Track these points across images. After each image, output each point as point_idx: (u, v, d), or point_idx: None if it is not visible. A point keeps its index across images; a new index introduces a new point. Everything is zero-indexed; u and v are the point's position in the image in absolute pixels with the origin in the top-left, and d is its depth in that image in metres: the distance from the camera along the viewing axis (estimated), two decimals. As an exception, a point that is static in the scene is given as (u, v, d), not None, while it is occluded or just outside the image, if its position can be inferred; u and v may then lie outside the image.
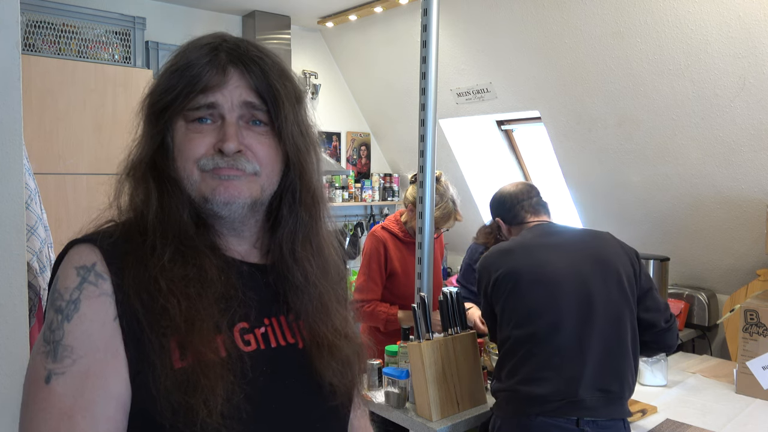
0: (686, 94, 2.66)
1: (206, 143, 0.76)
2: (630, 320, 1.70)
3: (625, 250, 1.78)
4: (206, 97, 0.76)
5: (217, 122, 0.77)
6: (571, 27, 2.85)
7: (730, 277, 3.00)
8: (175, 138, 0.78)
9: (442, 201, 2.43)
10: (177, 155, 0.77)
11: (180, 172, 0.77)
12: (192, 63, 0.76)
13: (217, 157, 0.76)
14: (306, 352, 0.82)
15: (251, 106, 0.78)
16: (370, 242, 2.53)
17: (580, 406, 1.61)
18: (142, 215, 0.77)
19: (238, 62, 0.77)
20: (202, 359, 0.70)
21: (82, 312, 0.70)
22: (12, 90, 1.26)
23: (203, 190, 0.77)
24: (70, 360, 0.68)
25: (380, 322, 2.44)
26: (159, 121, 0.78)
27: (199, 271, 0.75)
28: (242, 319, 0.77)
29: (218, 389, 0.69)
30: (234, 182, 0.76)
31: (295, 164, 0.82)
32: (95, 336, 0.69)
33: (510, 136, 3.99)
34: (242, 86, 0.77)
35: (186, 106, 0.76)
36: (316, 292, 0.84)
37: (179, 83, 0.76)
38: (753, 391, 2.14)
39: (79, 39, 2.95)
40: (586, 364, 1.62)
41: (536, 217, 1.90)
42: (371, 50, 4.02)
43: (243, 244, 0.83)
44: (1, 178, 1.25)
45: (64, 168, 2.77)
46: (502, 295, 1.72)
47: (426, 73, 2.00)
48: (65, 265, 0.73)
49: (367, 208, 4.63)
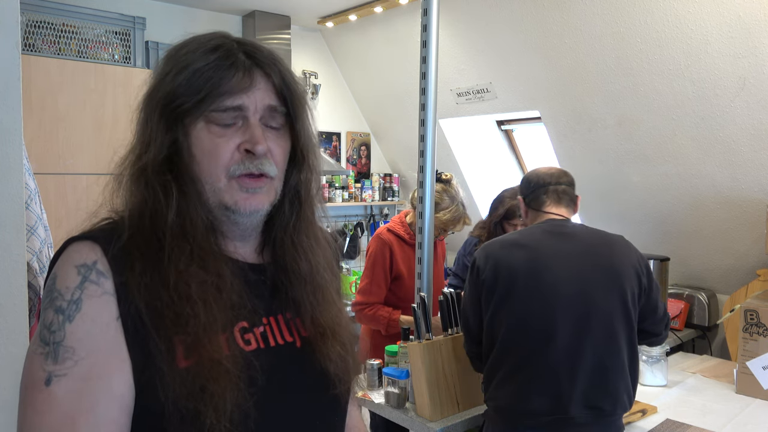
0: (686, 94, 2.66)
1: (232, 146, 0.76)
2: (628, 337, 1.63)
3: (637, 261, 1.69)
4: (233, 99, 0.76)
5: (239, 124, 0.77)
6: (571, 27, 2.85)
7: (730, 277, 3.00)
8: (195, 140, 0.76)
9: (453, 204, 2.42)
10: (202, 159, 0.76)
11: (205, 177, 0.76)
12: (213, 65, 0.76)
13: (247, 161, 0.76)
14: (304, 349, 0.83)
15: (272, 109, 0.79)
16: (375, 244, 2.49)
17: (569, 423, 1.57)
18: (154, 217, 0.75)
19: (262, 65, 0.78)
20: (207, 358, 0.69)
21: (84, 312, 0.68)
22: (12, 90, 1.26)
23: (226, 199, 0.77)
24: (71, 362, 0.67)
25: (381, 325, 2.43)
26: (177, 122, 0.77)
27: (216, 277, 0.75)
28: (242, 318, 0.77)
29: (226, 393, 0.69)
30: (258, 195, 0.77)
31: (304, 163, 0.85)
32: (98, 337, 0.68)
33: (510, 136, 3.99)
34: (266, 89, 0.78)
35: (211, 108, 0.75)
36: (319, 281, 0.86)
37: (203, 85, 0.75)
38: (753, 391, 2.14)
39: (79, 39, 2.95)
40: (577, 381, 1.56)
41: (555, 209, 1.78)
42: (371, 50, 4.02)
43: (245, 247, 0.84)
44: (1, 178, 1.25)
45: (64, 168, 2.77)
46: (497, 293, 1.64)
47: (426, 73, 2.00)
48: (64, 264, 0.72)
49: (367, 208, 4.63)
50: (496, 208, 2.49)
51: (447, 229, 2.47)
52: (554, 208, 1.79)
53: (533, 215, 1.83)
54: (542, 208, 1.80)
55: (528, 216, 1.86)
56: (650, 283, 1.70)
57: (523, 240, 1.71)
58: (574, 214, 1.84)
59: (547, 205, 1.80)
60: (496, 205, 2.51)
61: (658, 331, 1.75)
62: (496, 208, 2.50)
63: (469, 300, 1.75)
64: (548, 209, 1.79)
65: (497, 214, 2.47)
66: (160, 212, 0.75)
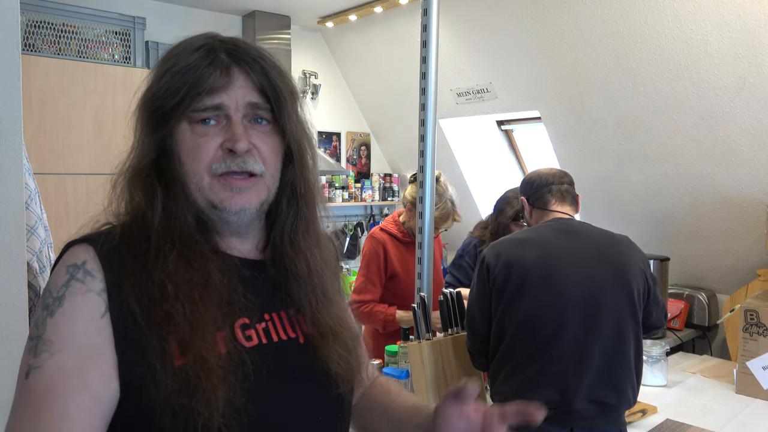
0: (686, 94, 2.66)
1: (214, 145, 0.76)
2: (635, 333, 1.66)
3: (642, 260, 1.72)
4: (212, 98, 0.76)
5: (222, 122, 0.77)
6: (571, 27, 2.85)
7: (730, 277, 3.00)
8: (179, 141, 0.77)
9: (441, 201, 2.43)
10: (185, 159, 0.77)
11: (189, 177, 0.77)
12: (193, 65, 0.76)
13: (228, 159, 0.76)
14: (307, 346, 0.83)
15: (255, 106, 0.78)
16: (369, 244, 2.52)
17: (574, 416, 1.59)
18: (144, 218, 0.76)
19: (240, 62, 0.78)
20: (201, 356, 0.70)
21: (65, 308, 0.70)
22: (12, 90, 1.26)
23: (211, 197, 0.77)
24: (48, 354, 0.67)
25: (378, 322, 2.44)
26: (161, 124, 0.77)
27: (203, 274, 0.75)
28: (242, 314, 0.77)
29: (219, 389, 0.69)
30: (245, 194, 0.77)
31: (296, 159, 0.84)
32: (77, 332, 0.69)
33: (510, 136, 3.99)
34: (246, 86, 0.78)
35: (190, 108, 0.76)
36: (318, 281, 0.86)
37: (182, 85, 0.75)
38: (753, 391, 2.14)
39: (79, 39, 2.95)
40: (584, 376, 1.58)
41: (560, 207, 1.82)
42: (371, 50, 4.02)
43: (245, 243, 0.84)
44: (1, 178, 1.25)
45: (64, 168, 2.77)
46: (508, 290, 1.65)
47: (426, 73, 2.00)
48: (59, 266, 0.74)
49: (367, 208, 4.63)
50: (503, 210, 2.50)
51: (437, 226, 2.46)
52: (559, 206, 1.83)
53: (538, 214, 1.86)
54: (548, 207, 1.83)
55: (533, 216, 1.88)
56: (653, 280, 1.73)
57: (532, 238, 1.73)
58: (577, 212, 1.87)
59: (553, 204, 1.83)
60: (502, 207, 2.51)
61: (662, 323, 1.80)
62: (503, 209, 2.50)
63: (477, 298, 1.76)
64: (554, 207, 1.82)
65: (506, 215, 2.47)
66: (148, 213, 0.76)
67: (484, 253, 1.76)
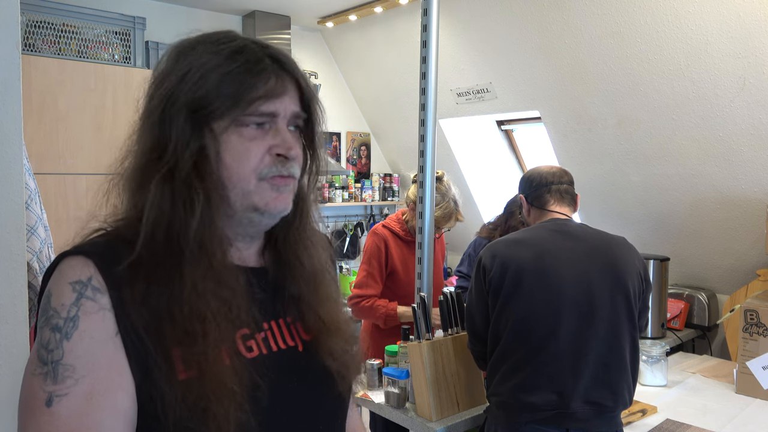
0: (686, 94, 2.65)
1: (263, 149, 0.76)
2: (631, 334, 1.66)
3: (638, 261, 1.72)
4: (267, 105, 0.76)
5: (267, 127, 0.77)
6: (571, 27, 2.85)
7: (730, 277, 3.00)
8: (224, 143, 0.75)
9: (444, 201, 2.43)
10: (230, 161, 0.75)
11: (233, 180, 0.75)
12: (243, 68, 0.74)
13: (279, 164, 0.77)
14: (306, 353, 0.83)
15: (296, 115, 0.80)
16: (371, 239, 2.53)
17: (570, 417, 1.59)
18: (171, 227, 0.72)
19: (290, 71, 0.79)
20: (206, 371, 0.69)
21: (82, 329, 0.67)
22: (12, 90, 1.26)
23: (255, 200, 0.77)
24: (72, 380, 0.65)
25: (379, 317, 2.44)
26: (203, 126, 0.75)
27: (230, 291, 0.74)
28: (244, 325, 0.76)
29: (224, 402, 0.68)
30: (285, 195, 0.79)
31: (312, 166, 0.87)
32: (97, 353, 0.67)
33: (510, 136, 3.99)
34: (294, 96, 0.80)
35: (245, 113, 0.75)
36: (317, 282, 0.87)
37: (236, 89, 0.74)
38: (753, 391, 2.15)
39: (79, 39, 2.95)
40: (580, 377, 1.59)
41: (558, 207, 1.82)
42: (371, 50, 4.02)
43: (250, 249, 0.84)
44: (1, 178, 1.25)
45: (64, 168, 2.77)
46: (504, 290, 1.65)
47: (426, 73, 2.00)
48: (58, 281, 0.70)
49: (367, 208, 4.63)
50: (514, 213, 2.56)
51: (440, 226, 2.47)
52: (557, 206, 1.82)
53: (536, 213, 1.86)
54: (546, 207, 1.83)
55: (531, 214, 1.88)
56: (647, 282, 1.74)
57: (529, 239, 1.73)
58: (575, 212, 1.87)
59: (551, 204, 1.83)
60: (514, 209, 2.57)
61: (646, 323, 1.84)
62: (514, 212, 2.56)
63: (475, 299, 1.76)
64: (552, 208, 1.82)
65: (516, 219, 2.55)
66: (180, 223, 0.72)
67: (481, 254, 1.76)
